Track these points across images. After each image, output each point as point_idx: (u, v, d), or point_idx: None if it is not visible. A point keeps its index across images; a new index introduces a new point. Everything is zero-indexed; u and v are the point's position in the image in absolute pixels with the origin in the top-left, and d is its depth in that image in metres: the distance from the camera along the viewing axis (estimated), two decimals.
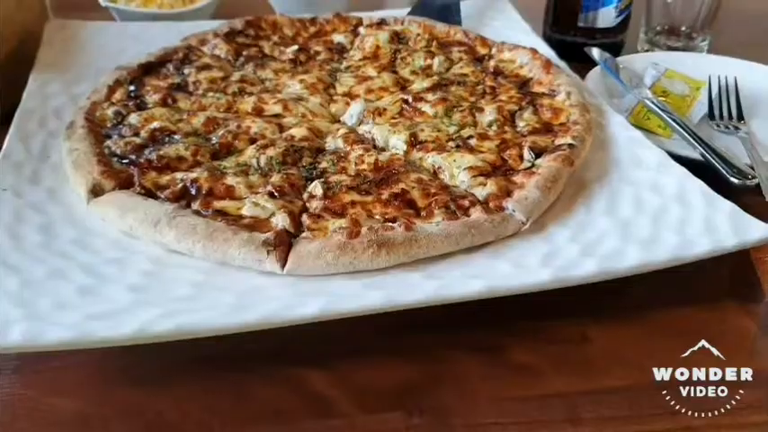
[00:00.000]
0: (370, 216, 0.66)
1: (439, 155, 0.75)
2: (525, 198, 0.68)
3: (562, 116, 0.83)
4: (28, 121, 0.81)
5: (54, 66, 0.93)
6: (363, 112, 0.85)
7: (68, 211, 0.68)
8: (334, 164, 0.75)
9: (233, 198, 0.67)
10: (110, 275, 0.60)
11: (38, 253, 0.62)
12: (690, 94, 0.98)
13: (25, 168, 0.73)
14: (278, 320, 0.55)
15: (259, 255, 0.60)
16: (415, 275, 0.60)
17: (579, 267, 0.61)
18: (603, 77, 1.00)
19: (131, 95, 0.86)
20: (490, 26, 1.11)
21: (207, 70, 0.92)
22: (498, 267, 0.61)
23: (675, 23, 1.16)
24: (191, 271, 0.61)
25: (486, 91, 0.89)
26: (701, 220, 0.67)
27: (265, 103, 0.86)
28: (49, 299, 0.56)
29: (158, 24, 1.08)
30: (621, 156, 0.78)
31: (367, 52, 1.01)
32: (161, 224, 0.62)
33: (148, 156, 0.73)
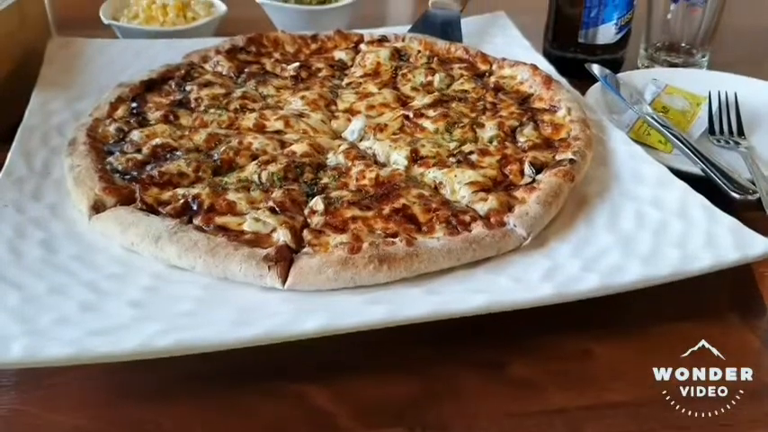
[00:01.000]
0: (372, 231, 0.66)
1: (440, 170, 0.76)
2: (526, 213, 0.68)
3: (563, 132, 0.83)
4: (30, 138, 0.81)
5: (56, 83, 0.93)
6: (364, 128, 0.86)
7: (70, 226, 0.68)
8: (335, 179, 0.75)
9: (234, 214, 0.68)
10: (111, 291, 0.60)
11: (39, 269, 0.62)
12: (690, 109, 0.98)
13: (27, 184, 0.73)
14: (279, 336, 0.55)
15: (260, 270, 0.60)
16: (416, 291, 0.60)
17: (580, 282, 0.61)
18: (604, 93, 1.00)
19: (133, 112, 0.86)
20: (491, 43, 1.12)
21: (209, 87, 0.92)
22: (499, 282, 0.61)
23: (675, 40, 1.17)
24: (192, 286, 0.61)
25: (486, 107, 0.90)
26: (702, 235, 0.67)
27: (267, 120, 0.86)
28: (50, 314, 0.56)
29: (161, 42, 1.08)
30: (622, 171, 0.78)
31: (368, 69, 1.01)
32: (162, 240, 0.62)
33: (150, 172, 0.73)
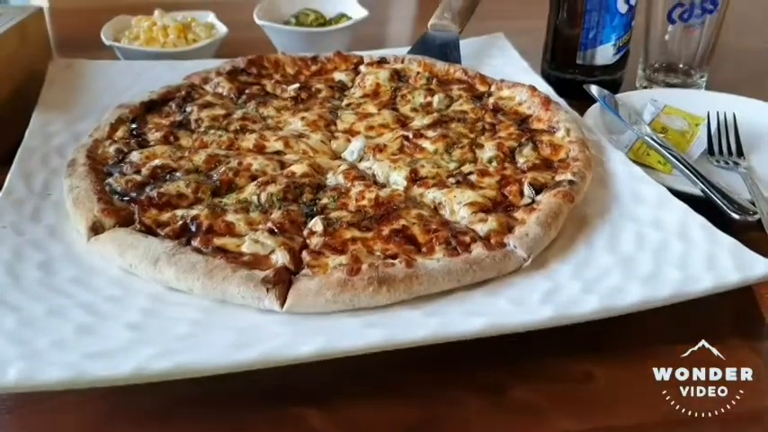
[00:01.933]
0: (371, 252, 0.66)
1: (439, 191, 0.76)
2: (526, 234, 0.68)
3: (562, 152, 0.83)
4: (30, 159, 0.81)
5: (57, 104, 0.93)
6: (364, 149, 0.86)
7: (69, 248, 0.68)
8: (334, 200, 0.75)
9: (233, 235, 0.67)
10: (108, 314, 0.59)
11: (37, 291, 0.61)
12: (689, 130, 0.98)
13: (26, 206, 0.73)
14: (277, 359, 0.54)
15: (258, 292, 0.59)
16: (416, 313, 0.60)
17: (581, 305, 0.60)
18: (602, 114, 1.00)
19: (133, 133, 0.87)
20: (489, 64, 1.12)
21: (209, 108, 0.93)
22: (499, 305, 0.61)
23: (673, 60, 1.17)
24: (190, 309, 0.60)
25: (485, 128, 0.90)
26: (702, 257, 0.66)
27: (267, 141, 0.86)
28: (47, 337, 0.56)
29: (161, 63, 1.09)
30: (622, 192, 0.78)
31: (367, 90, 1.02)
32: (161, 262, 0.62)
33: (149, 193, 0.73)
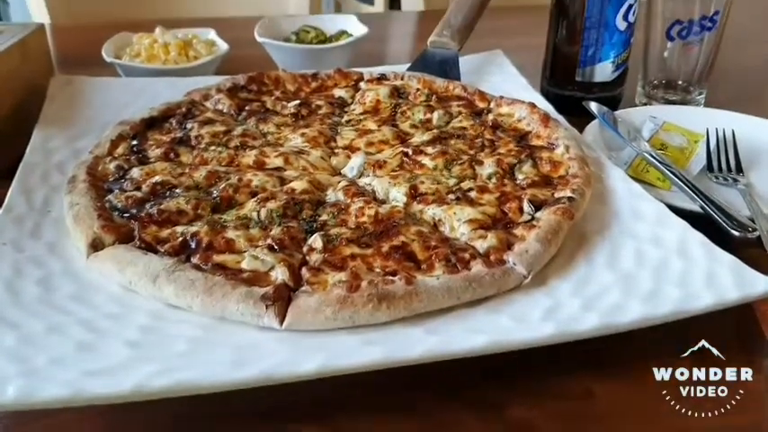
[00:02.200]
0: (371, 269, 0.66)
1: (439, 207, 0.76)
2: (526, 251, 0.68)
3: (561, 169, 0.84)
4: (30, 176, 0.81)
5: (58, 120, 0.94)
6: (364, 165, 0.86)
7: (68, 265, 0.68)
8: (334, 216, 0.75)
9: (233, 252, 0.67)
10: (108, 331, 0.59)
11: (36, 308, 0.61)
12: (688, 146, 0.98)
13: (26, 222, 0.73)
14: (276, 377, 0.54)
15: (258, 310, 0.59)
16: (416, 330, 0.60)
17: (581, 322, 0.60)
18: (602, 131, 1.00)
19: (134, 150, 0.87)
20: (488, 81, 1.13)
21: (209, 125, 0.93)
22: (500, 322, 0.61)
23: (672, 77, 1.18)
24: (189, 326, 0.60)
25: (485, 144, 0.90)
26: (702, 274, 0.66)
27: (267, 157, 0.86)
28: (46, 355, 0.56)
29: (162, 80, 1.09)
30: (621, 209, 0.78)
31: (367, 106, 1.02)
32: (160, 279, 0.62)
33: (149, 210, 0.73)
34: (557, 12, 1.13)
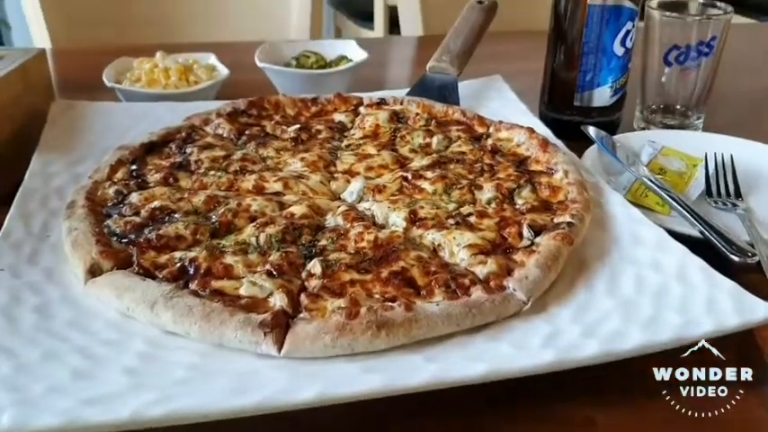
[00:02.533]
0: (370, 295, 0.65)
1: (438, 232, 0.75)
2: (526, 277, 0.68)
3: (560, 194, 0.84)
4: (29, 201, 0.81)
5: (58, 145, 0.94)
6: (363, 190, 0.86)
7: (66, 291, 0.68)
8: (333, 241, 0.74)
9: (231, 277, 0.67)
10: (105, 358, 0.59)
11: (33, 335, 0.61)
12: (687, 171, 0.99)
13: (24, 248, 0.73)
14: (275, 406, 0.54)
15: (255, 337, 0.59)
16: (415, 358, 0.59)
17: (581, 349, 0.60)
18: (600, 155, 1.01)
19: (133, 174, 0.87)
20: (487, 106, 1.13)
21: (209, 149, 0.93)
22: (499, 349, 0.61)
23: (670, 102, 1.18)
24: (187, 353, 0.60)
25: (484, 169, 0.90)
26: (702, 300, 0.66)
27: (266, 181, 0.86)
28: (43, 383, 0.55)
29: (163, 105, 1.10)
30: (621, 234, 0.78)
31: (367, 131, 1.02)
32: (158, 305, 0.62)
33: (148, 235, 0.73)
34: (555, 37, 1.14)
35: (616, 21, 1.07)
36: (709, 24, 1.10)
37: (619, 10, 1.06)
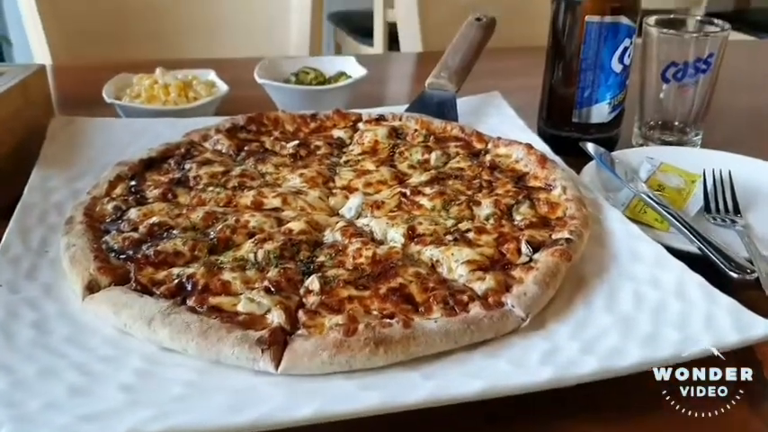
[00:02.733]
0: (368, 312, 0.65)
1: (437, 248, 0.75)
2: (524, 293, 0.67)
3: (559, 210, 0.84)
4: (28, 216, 0.81)
5: (57, 161, 0.94)
6: (362, 205, 0.86)
7: (64, 307, 0.68)
8: (331, 257, 0.74)
9: (229, 294, 0.67)
10: (102, 374, 0.59)
11: (30, 351, 0.61)
12: (685, 187, 0.99)
13: (23, 263, 0.73)
14: (272, 423, 0.53)
15: (253, 354, 0.59)
16: (413, 375, 0.59)
17: (580, 366, 0.60)
18: (599, 171, 1.01)
19: (132, 190, 0.87)
20: (486, 122, 1.13)
21: (208, 165, 0.93)
22: (497, 366, 0.60)
23: (668, 118, 1.19)
24: (184, 370, 0.60)
25: (482, 185, 0.90)
26: (701, 317, 0.66)
27: (265, 197, 0.86)
28: (39, 399, 0.55)
29: (162, 120, 1.10)
30: (619, 250, 0.78)
31: (366, 147, 1.03)
32: (155, 322, 0.62)
33: (146, 251, 0.73)
34: (553, 54, 1.14)
35: (614, 38, 1.07)
36: (706, 41, 1.11)
37: (616, 27, 1.06)
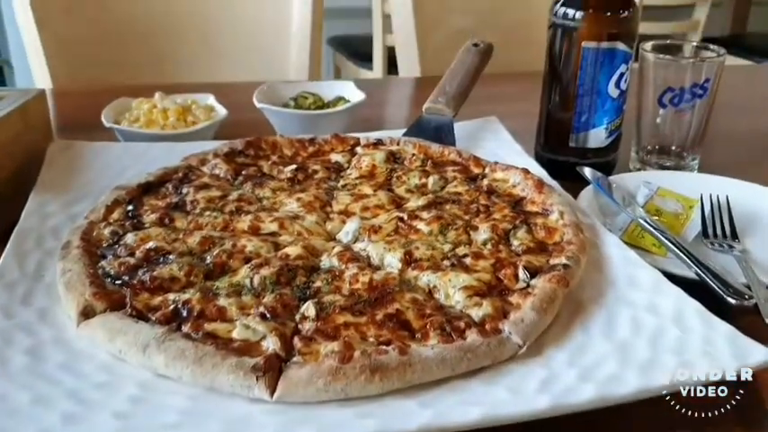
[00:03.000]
0: (364, 338, 0.65)
1: (434, 274, 0.75)
2: (521, 320, 0.67)
3: (556, 235, 0.84)
4: (25, 240, 0.81)
5: (55, 185, 0.94)
6: (359, 230, 0.86)
7: (58, 333, 0.67)
8: (328, 283, 0.74)
9: (224, 320, 0.67)
10: (96, 401, 0.58)
11: (24, 378, 0.60)
12: (683, 212, 0.99)
13: (18, 288, 0.73)
14: None
15: (248, 381, 0.58)
16: (410, 403, 0.59)
17: (578, 394, 0.59)
18: (596, 196, 1.01)
19: (129, 215, 0.87)
20: (483, 147, 1.14)
21: (205, 189, 0.93)
22: (495, 394, 0.60)
23: (665, 143, 1.19)
24: (179, 397, 0.59)
25: (480, 209, 0.90)
26: (699, 343, 0.66)
27: (262, 222, 0.86)
28: (32, 427, 0.54)
29: (161, 145, 1.10)
30: (617, 276, 0.78)
31: (363, 171, 1.03)
32: (150, 348, 0.61)
33: (142, 276, 0.73)
34: (550, 79, 1.15)
35: (610, 63, 1.08)
36: (702, 67, 1.12)
37: (613, 53, 1.07)
